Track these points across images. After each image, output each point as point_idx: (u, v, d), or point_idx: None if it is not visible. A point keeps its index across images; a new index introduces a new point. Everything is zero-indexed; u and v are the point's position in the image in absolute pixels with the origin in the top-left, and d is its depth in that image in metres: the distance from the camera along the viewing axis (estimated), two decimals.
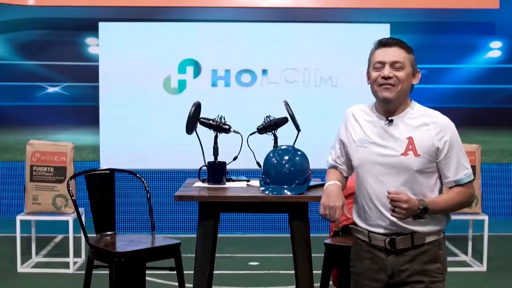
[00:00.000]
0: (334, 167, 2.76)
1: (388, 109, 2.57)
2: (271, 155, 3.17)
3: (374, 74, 2.56)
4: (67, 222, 5.41)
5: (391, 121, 2.56)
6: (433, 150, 2.52)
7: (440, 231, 2.61)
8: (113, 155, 6.84)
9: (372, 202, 2.58)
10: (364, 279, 2.64)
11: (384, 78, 2.51)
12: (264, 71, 6.99)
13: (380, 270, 2.59)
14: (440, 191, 2.61)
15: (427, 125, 2.54)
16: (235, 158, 3.48)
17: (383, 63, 2.53)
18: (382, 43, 2.57)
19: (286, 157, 3.12)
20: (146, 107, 6.92)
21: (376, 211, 2.57)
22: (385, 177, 2.53)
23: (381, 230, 2.57)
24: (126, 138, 6.90)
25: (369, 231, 2.60)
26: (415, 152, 2.51)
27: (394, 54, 2.53)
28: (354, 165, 2.66)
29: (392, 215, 2.46)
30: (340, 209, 2.54)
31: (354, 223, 2.72)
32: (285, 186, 3.05)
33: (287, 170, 3.08)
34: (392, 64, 2.52)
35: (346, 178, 2.78)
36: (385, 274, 2.59)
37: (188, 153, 5.00)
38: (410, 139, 2.52)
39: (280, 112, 3.73)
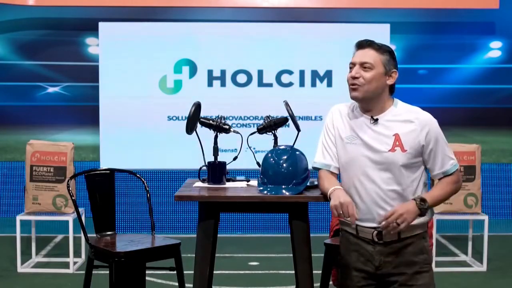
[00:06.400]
0: (327, 166, 2.78)
1: (365, 108, 2.69)
2: (269, 155, 3.17)
3: (348, 74, 2.70)
4: (67, 222, 5.41)
5: (376, 120, 2.66)
6: (418, 146, 2.62)
7: (425, 224, 2.70)
8: (113, 155, 6.84)
9: (360, 198, 2.66)
10: (352, 270, 2.71)
11: (352, 77, 2.66)
12: (260, 72, 6.99)
13: (368, 262, 2.67)
14: (424, 184, 2.71)
15: (411, 122, 2.64)
16: (235, 158, 3.47)
17: (354, 64, 2.68)
18: (356, 45, 2.71)
19: (284, 157, 3.11)
20: (144, 107, 6.92)
21: (364, 207, 2.65)
22: (374, 173, 2.62)
23: (369, 224, 2.66)
24: (126, 138, 6.90)
25: (357, 225, 2.68)
26: (402, 148, 2.62)
27: (364, 55, 2.65)
28: (341, 161, 2.72)
29: (400, 229, 2.56)
30: (352, 203, 2.60)
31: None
32: (283, 186, 3.05)
33: (285, 170, 3.07)
34: (361, 65, 2.65)
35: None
36: (373, 265, 2.67)
37: (188, 153, 5.01)
38: (397, 136, 2.62)
39: (275, 112, 3.75)
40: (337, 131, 2.73)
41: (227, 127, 3.49)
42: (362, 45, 2.68)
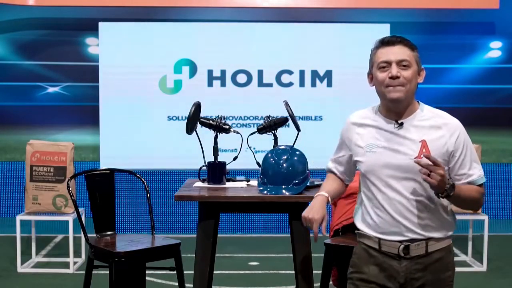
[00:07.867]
0: (332, 172, 2.69)
1: (396, 110, 2.45)
2: (269, 155, 3.17)
3: (381, 75, 2.43)
4: (67, 222, 5.41)
5: (401, 124, 2.44)
6: (447, 153, 2.43)
7: (450, 236, 2.51)
8: (113, 155, 6.84)
9: (384, 210, 2.44)
10: (368, 284, 2.49)
11: (392, 78, 2.40)
12: (260, 72, 6.98)
13: (391, 278, 2.47)
14: None
15: (439, 127, 2.44)
16: (235, 158, 3.48)
17: (389, 63, 2.42)
18: (385, 42, 2.46)
19: (284, 157, 3.12)
20: (144, 107, 6.92)
21: (390, 219, 2.43)
22: (397, 183, 2.41)
23: (395, 238, 2.44)
24: (126, 138, 6.91)
25: (380, 239, 2.47)
26: None
27: (399, 52, 2.42)
28: (361, 171, 2.53)
29: (426, 179, 2.28)
30: (317, 223, 2.44)
31: (357, 228, 2.58)
32: (283, 186, 3.05)
33: (285, 170, 3.08)
34: (399, 63, 2.41)
35: (346, 185, 2.70)
36: (396, 282, 2.46)
37: (188, 153, 5.01)
38: (424, 142, 2.41)
39: (275, 112, 3.75)
40: (354, 143, 2.52)
41: (227, 127, 3.49)
42: (392, 42, 2.43)
